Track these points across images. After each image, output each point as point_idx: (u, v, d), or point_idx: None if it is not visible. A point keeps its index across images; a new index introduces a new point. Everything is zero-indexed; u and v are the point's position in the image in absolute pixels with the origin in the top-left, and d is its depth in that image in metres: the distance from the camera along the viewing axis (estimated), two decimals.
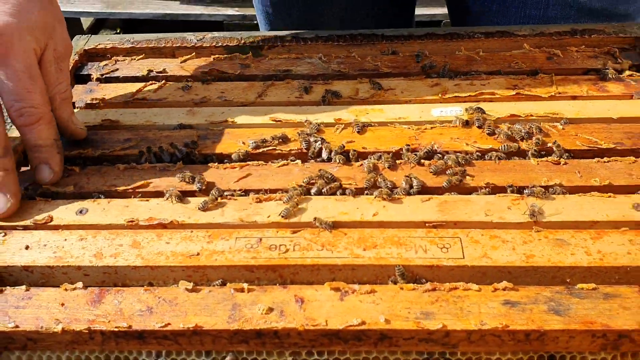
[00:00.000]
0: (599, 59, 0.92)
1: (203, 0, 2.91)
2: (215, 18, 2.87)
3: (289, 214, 0.69)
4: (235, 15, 2.86)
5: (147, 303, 0.62)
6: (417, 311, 0.60)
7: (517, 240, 0.66)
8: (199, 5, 2.91)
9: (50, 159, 0.76)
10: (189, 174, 0.75)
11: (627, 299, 0.60)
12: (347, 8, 1.20)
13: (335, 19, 1.23)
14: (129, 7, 2.91)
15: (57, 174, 0.77)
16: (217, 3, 2.91)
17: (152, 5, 2.92)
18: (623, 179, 0.72)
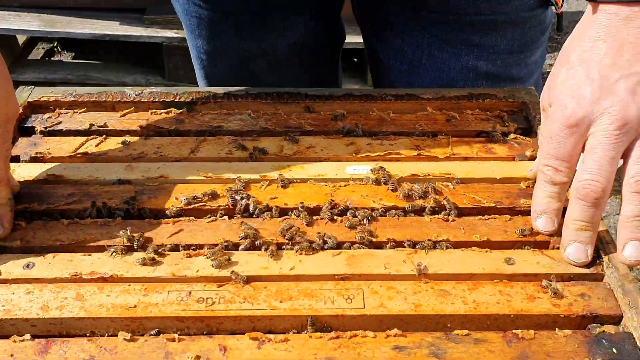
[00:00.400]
0: (490, 122, 1.07)
1: (142, 22, 2.97)
2: (154, 40, 2.93)
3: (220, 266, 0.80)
4: (174, 37, 2.93)
5: (89, 352, 0.72)
6: (322, 356, 0.71)
7: (409, 290, 0.79)
8: (138, 26, 2.96)
9: (3, 216, 0.84)
10: (128, 233, 0.84)
11: (493, 344, 0.73)
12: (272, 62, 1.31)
13: (264, 68, 1.34)
14: (68, 26, 2.93)
15: (7, 230, 0.85)
16: (156, 25, 2.96)
17: (90, 25, 2.94)
18: (499, 235, 0.86)
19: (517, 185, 0.94)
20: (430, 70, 1.20)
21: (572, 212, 0.81)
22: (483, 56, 1.17)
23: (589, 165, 0.79)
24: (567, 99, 0.81)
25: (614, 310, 0.76)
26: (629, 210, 0.77)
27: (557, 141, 0.82)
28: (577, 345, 0.73)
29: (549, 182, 0.84)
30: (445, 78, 1.20)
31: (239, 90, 1.12)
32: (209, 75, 1.36)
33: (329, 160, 1.00)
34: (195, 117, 1.07)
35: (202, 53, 1.31)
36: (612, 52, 0.79)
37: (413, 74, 1.23)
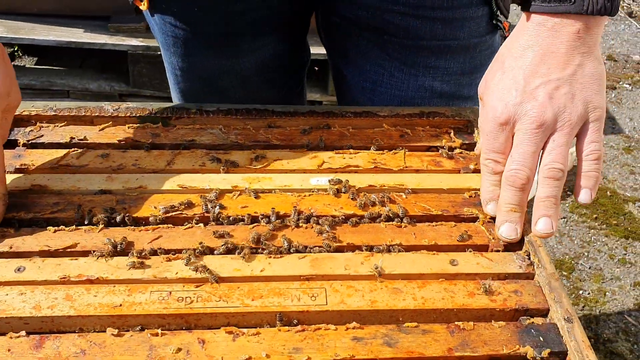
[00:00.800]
0: (439, 137, 1.19)
1: (107, 30, 3.01)
2: (119, 48, 2.98)
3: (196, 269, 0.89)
4: (139, 45, 2.98)
5: (80, 346, 0.80)
6: (290, 347, 0.81)
7: (366, 289, 0.89)
8: (102, 34, 3.00)
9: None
10: (112, 240, 0.92)
11: (438, 334, 0.84)
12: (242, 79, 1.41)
13: (234, 84, 1.43)
14: (31, 32, 2.96)
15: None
16: (121, 33, 3.01)
17: (55, 32, 2.97)
18: (445, 239, 0.98)
19: (462, 195, 1.06)
20: (391, 89, 1.31)
21: (503, 197, 0.96)
22: (438, 77, 1.29)
23: (515, 157, 0.95)
24: (496, 101, 0.97)
25: (542, 305, 0.88)
26: (542, 192, 0.94)
27: (492, 137, 0.98)
28: (509, 335, 0.84)
29: (491, 172, 0.99)
30: (404, 96, 1.31)
31: (211, 106, 1.21)
32: (182, 90, 1.44)
33: (294, 172, 1.10)
34: (170, 131, 1.16)
35: (176, 69, 1.40)
36: (536, 61, 0.94)
37: (374, 91, 1.34)
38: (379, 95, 1.33)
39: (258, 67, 1.39)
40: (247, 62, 1.37)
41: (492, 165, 0.99)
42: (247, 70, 1.39)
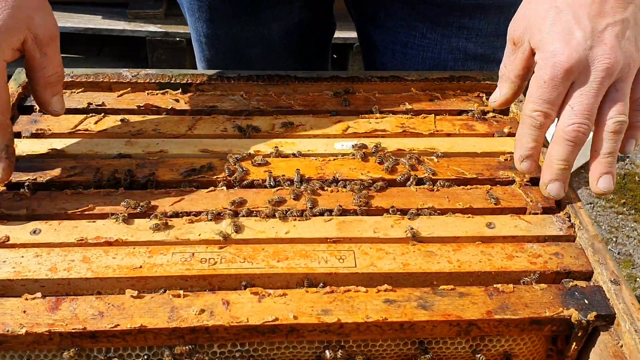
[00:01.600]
0: (471, 101, 1.13)
1: (125, 16, 2.99)
2: (137, 34, 2.96)
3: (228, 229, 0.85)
4: (157, 32, 2.96)
5: (98, 308, 0.76)
6: (318, 309, 0.76)
7: (397, 252, 0.84)
8: (121, 20, 2.99)
9: None
10: (132, 201, 0.88)
11: (476, 297, 0.79)
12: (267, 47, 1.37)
13: (259, 52, 1.39)
14: None
15: (3, 178, 0.87)
16: (139, 19, 2.99)
17: (74, 19, 2.96)
18: (480, 203, 0.93)
19: (496, 159, 1.01)
20: (423, 51, 1.26)
21: (557, 153, 0.85)
22: (472, 38, 1.23)
23: (578, 109, 0.82)
24: (558, 45, 0.82)
25: (585, 267, 0.83)
26: (606, 148, 0.84)
27: (550, 86, 0.83)
28: (552, 297, 0.79)
29: (537, 127, 0.86)
30: (437, 58, 1.26)
31: (232, 72, 1.17)
32: (207, 58, 1.41)
33: (318, 137, 1.05)
34: (190, 97, 1.12)
35: (202, 36, 1.36)
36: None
37: (405, 54, 1.29)
38: (410, 59, 1.28)
39: (283, 35, 1.35)
40: (272, 29, 1.33)
41: (541, 118, 0.85)
42: (272, 38, 1.35)
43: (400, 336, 0.78)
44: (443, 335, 0.79)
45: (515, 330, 0.78)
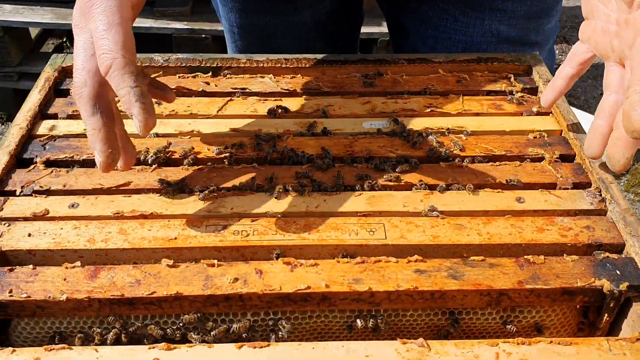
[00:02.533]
0: (498, 82, 1.13)
1: (153, 14, 3.03)
2: (164, 31, 3.00)
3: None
4: (183, 29, 3.00)
5: (135, 277, 0.78)
6: (349, 278, 0.77)
7: (426, 225, 0.85)
8: (148, 18, 3.03)
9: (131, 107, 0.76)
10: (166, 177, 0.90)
11: (506, 267, 0.79)
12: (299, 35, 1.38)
13: (291, 41, 1.41)
14: None
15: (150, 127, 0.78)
16: (166, 17, 3.03)
17: None
18: (510, 178, 0.93)
19: (525, 137, 1.01)
20: (455, 34, 1.26)
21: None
22: (505, 20, 1.23)
23: None
24: None
25: (616, 240, 0.83)
26: None
27: None
28: (583, 268, 0.79)
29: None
30: (469, 42, 1.26)
31: (261, 56, 1.18)
32: (240, 48, 1.43)
33: (346, 117, 1.07)
34: (220, 80, 1.14)
35: (234, 26, 1.38)
36: None
37: (437, 38, 1.29)
38: (442, 42, 1.28)
39: (314, 23, 1.37)
40: (304, 17, 1.34)
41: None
42: (304, 27, 1.36)
43: (431, 306, 0.79)
44: (473, 305, 0.79)
45: (547, 300, 0.78)
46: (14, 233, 0.83)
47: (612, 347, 0.70)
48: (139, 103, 0.76)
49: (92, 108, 0.80)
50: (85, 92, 0.80)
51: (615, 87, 0.86)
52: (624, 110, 0.74)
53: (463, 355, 0.69)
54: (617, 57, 0.86)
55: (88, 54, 0.80)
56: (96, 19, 0.77)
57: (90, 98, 0.80)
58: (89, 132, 0.81)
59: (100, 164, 0.80)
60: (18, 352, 0.69)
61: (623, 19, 0.82)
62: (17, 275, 0.78)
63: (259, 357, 0.69)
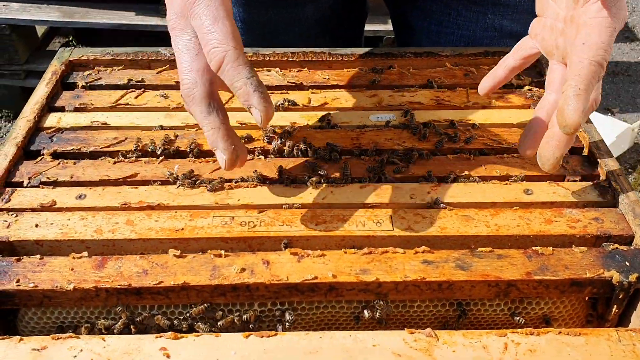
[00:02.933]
0: None
1: (158, 12, 3.04)
2: None
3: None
4: None
5: (142, 267, 0.78)
6: (357, 268, 0.77)
7: (434, 216, 0.85)
8: (154, 16, 3.03)
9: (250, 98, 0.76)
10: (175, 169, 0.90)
11: (514, 258, 0.79)
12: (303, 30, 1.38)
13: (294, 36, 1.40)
14: (86, 16, 3.01)
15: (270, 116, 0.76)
16: None
17: (108, 15, 3.02)
18: (517, 170, 0.92)
19: None
20: (458, 29, 1.26)
21: None
22: (507, 15, 1.23)
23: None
24: None
25: (625, 232, 0.82)
26: None
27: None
28: (592, 259, 0.78)
29: (599, 79, 0.77)
30: (472, 37, 1.26)
31: (267, 50, 1.18)
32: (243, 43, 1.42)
33: (353, 110, 1.06)
34: None
35: (237, 21, 1.38)
36: None
37: (440, 33, 1.29)
38: (445, 37, 1.28)
39: (317, 18, 1.36)
40: (308, 12, 1.34)
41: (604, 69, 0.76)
42: (307, 21, 1.36)
43: (439, 297, 0.79)
44: (482, 296, 0.79)
45: (555, 292, 0.78)
46: (22, 224, 0.83)
47: (622, 337, 0.70)
48: (258, 92, 0.75)
49: (207, 107, 0.80)
50: (197, 93, 0.79)
51: (556, 87, 0.85)
52: (559, 105, 0.74)
53: (471, 345, 0.69)
54: (560, 56, 0.84)
55: (193, 54, 0.80)
56: (200, 15, 0.76)
57: (204, 97, 0.79)
58: (208, 132, 0.80)
59: (225, 162, 0.80)
60: (25, 341, 0.69)
61: (569, 15, 0.81)
62: (24, 265, 0.78)
63: (266, 346, 0.69)
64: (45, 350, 0.69)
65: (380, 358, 0.67)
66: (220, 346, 0.69)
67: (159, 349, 0.69)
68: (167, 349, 0.68)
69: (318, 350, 0.68)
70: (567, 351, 0.68)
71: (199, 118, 0.80)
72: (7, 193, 0.87)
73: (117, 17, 3.01)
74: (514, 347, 0.69)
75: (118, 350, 0.69)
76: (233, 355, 0.67)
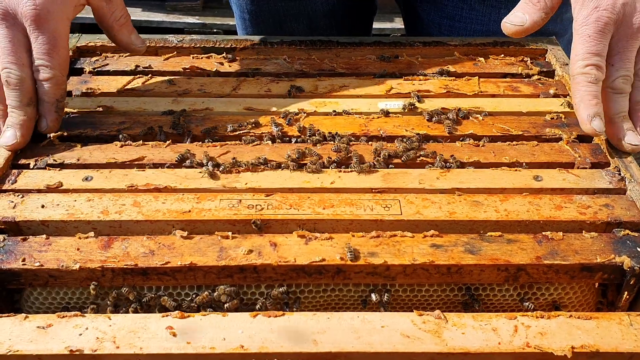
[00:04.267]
0: (515, 65, 1.12)
1: (164, 8, 3.05)
2: (176, 25, 3.01)
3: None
4: (195, 23, 3.01)
5: (149, 247, 0.77)
6: (365, 251, 0.76)
7: (443, 201, 0.84)
8: (159, 12, 3.04)
9: (48, 114, 0.92)
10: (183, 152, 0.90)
11: (524, 243, 0.78)
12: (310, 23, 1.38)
13: (302, 28, 1.40)
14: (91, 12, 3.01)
15: (51, 128, 0.93)
16: (177, 11, 3.04)
17: None
18: (527, 157, 0.91)
19: (543, 118, 1.00)
20: (471, 24, 1.25)
21: (615, 107, 0.88)
22: None
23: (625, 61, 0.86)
24: None
25: (636, 218, 0.81)
26: None
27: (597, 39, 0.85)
28: (603, 245, 0.78)
29: (594, 81, 0.86)
30: (485, 31, 1.25)
31: (274, 38, 1.18)
32: (250, 35, 1.42)
33: (361, 97, 1.06)
34: (234, 61, 1.13)
35: (245, 12, 1.37)
36: None
37: (452, 27, 1.28)
38: (457, 32, 1.27)
39: (326, 10, 1.36)
40: (316, 4, 1.34)
41: (594, 71, 0.86)
42: (315, 14, 1.36)
43: (447, 281, 0.78)
44: (491, 280, 0.78)
45: (565, 277, 0.77)
46: (28, 204, 0.82)
47: (633, 322, 0.69)
48: (57, 114, 0.93)
49: (29, 99, 0.91)
50: None
51: None
52: None
53: (481, 327, 0.68)
54: None
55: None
56: None
57: (31, 91, 0.91)
58: None
59: None
60: (31, 318, 0.69)
61: None
62: (30, 244, 0.77)
63: (274, 326, 0.68)
64: (51, 327, 0.68)
65: (389, 339, 0.67)
66: (227, 325, 0.68)
67: (165, 327, 0.68)
68: (173, 328, 0.68)
69: (326, 331, 0.67)
70: (577, 334, 0.67)
71: None
72: (13, 174, 0.87)
73: None
74: (524, 330, 0.68)
75: (124, 329, 0.68)
76: (240, 334, 0.67)
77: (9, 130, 0.89)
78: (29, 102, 0.90)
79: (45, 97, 0.91)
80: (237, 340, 0.67)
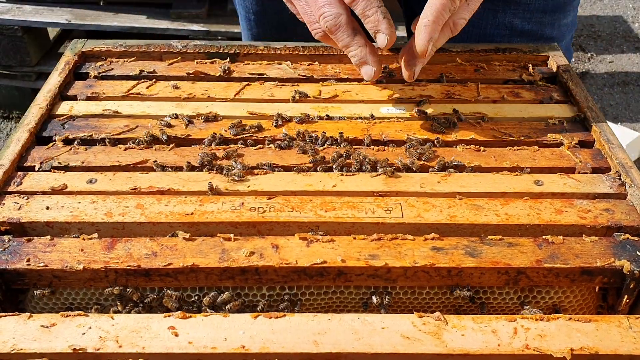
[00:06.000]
0: (516, 71, 1.13)
1: (169, 16, 3.06)
2: (180, 33, 3.02)
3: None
4: (199, 30, 3.02)
5: (152, 249, 0.78)
6: (366, 254, 0.77)
7: (444, 205, 0.84)
8: (164, 20, 3.06)
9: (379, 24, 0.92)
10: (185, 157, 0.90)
11: (525, 247, 0.79)
12: None
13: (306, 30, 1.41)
14: (97, 19, 3.03)
15: (392, 38, 0.92)
16: (182, 19, 3.06)
17: (119, 18, 3.04)
18: (528, 162, 0.92)
19: (543, 123, 1.00)
20: (468, 27, 1.25)
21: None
22: (519, 13, 1.23)
23: None
24: None
25: (637, 223, 0.82)
26: None
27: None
28: (603, 249, 0.78)
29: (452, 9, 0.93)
30: (482, 34, 1.25)
31: (278, 44, 1.19)
32: (255, 35, 1.43)
33: (364, 102, 1.06)
34: (238, 66, 1.14)
35: (250, 13, 1.38)
36: None
37: None
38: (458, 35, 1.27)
39: None
40: None
41: None
42: None
43: (448, 284, 0.78)
44: (491, 283, 0.78)
45: (565, 280, 0.77)
46: (32, 206, 0.83)
47: (633, 324, 0.69)
48: (386, 20, 0.90)
49: (353, 30, 0.94)
50: (343, 20, 0.93)
51: None
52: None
53: (481, 329, 0.69)
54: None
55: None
56: None
57: (349, 23, 0.93)
58: (356, 50, 0.95)
59: (371, 76, 0.97)
60: (35, 317, 0.70)
61: None
62: (34, 245, 0.78)
63: (275, 327, 0.68)
64: (55, 327, 0.69)
65: (389, 340, 0.67)
66: (229, 326, 0.69)
67: (167, 327, 0.68)
68: (175, 328, 0.68)
69: (327, 332, 0.68)
70: (577, 337, 0.68)
71: (346, 41, 0.94)
72: (19, 176, 0.88)
73: (128, 20, 3.03)
74: (523, 332, 0.68)
75: (127, 328, 0.69)
76: (241, 335, 0.67)
77: (379, 35, 0.91)
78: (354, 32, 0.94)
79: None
80: (238, 341, 0.67)
